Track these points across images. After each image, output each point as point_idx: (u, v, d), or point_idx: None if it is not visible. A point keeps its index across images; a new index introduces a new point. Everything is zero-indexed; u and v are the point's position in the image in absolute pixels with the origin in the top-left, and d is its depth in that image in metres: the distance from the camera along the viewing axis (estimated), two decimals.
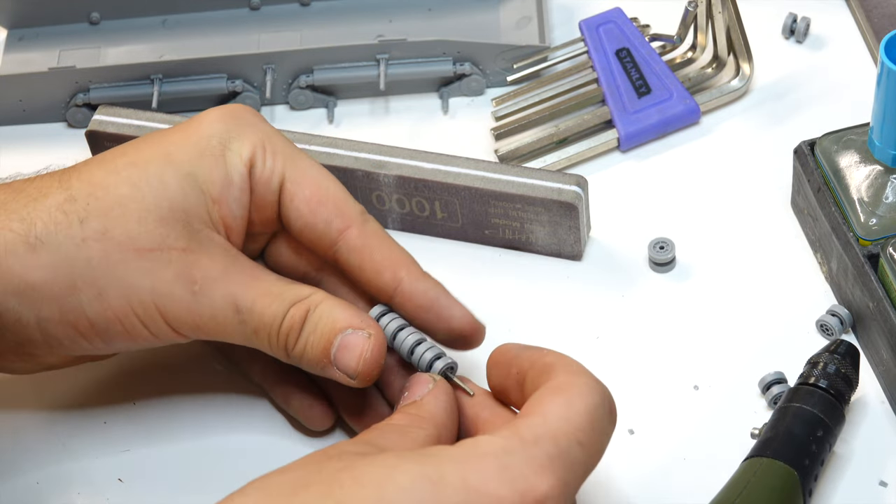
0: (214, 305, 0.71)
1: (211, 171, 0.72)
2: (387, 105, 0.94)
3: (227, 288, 0.71)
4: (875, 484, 0.74)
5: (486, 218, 0.84)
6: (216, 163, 0.72)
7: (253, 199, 0.73)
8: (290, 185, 0.73)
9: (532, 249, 0.85)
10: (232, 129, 0.73)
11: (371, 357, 0.70)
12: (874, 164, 0.79)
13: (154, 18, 0.96)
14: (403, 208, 0.85)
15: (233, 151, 0.73)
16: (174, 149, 0.72)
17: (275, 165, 0.73)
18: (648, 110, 0.89)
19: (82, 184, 0.71)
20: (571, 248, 0.84)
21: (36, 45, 0.95)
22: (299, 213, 0.73)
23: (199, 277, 0.70)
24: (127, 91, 0.92)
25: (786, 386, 0.77)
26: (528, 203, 0.82)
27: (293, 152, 0.74)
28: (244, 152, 0.73)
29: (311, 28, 0.94)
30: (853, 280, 0.78)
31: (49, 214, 0.70)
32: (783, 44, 0.94)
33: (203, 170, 0.72)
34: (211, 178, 0.72)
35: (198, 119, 0.74)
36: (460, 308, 0.73)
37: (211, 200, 0.72)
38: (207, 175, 0.72)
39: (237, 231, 0.73)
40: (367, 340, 0.70)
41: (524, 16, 0.94)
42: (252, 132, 0.73)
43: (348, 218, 0.73)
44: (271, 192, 0.73)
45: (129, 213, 0.70)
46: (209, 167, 0.72)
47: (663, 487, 0.75)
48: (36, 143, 0.93)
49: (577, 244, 0.84)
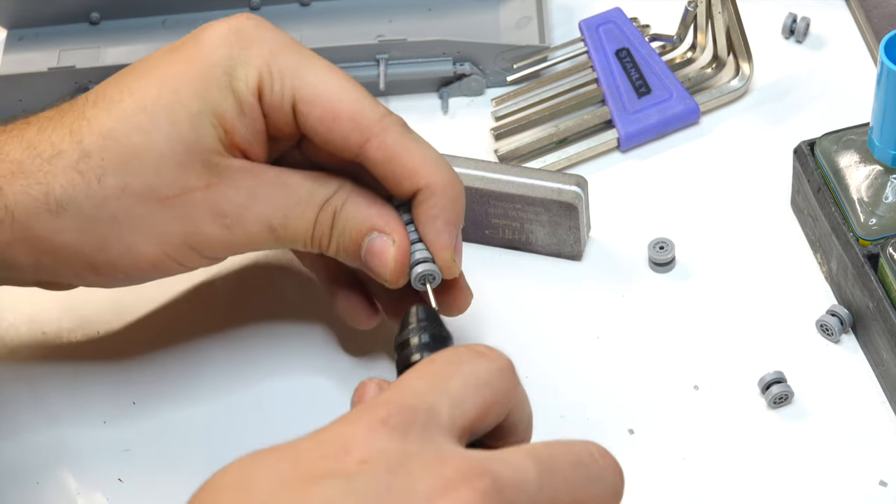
0: (248, 231, 0.71)
1: (220, 105, 0.70)
2: (387, 105, 0.93)
3: (258, 210, 0.71)
4: (875, 484, 0.74)
5: (485, 218, 0.84)
6: (224, 95, 0.71)
7: (269, 122, 0.72)
8: (302, 106, 0.71)
9: (532, 249, 0.85)
10: (236, 53, 0.71)
11: (396, 265, 0.71)
12: (874, 164, 0.79)
13: (154, 18, 0.96)
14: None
15: (239, 80, 0.71)
16: (180, 83, 0.71)
17: (283, 88, 0.71)
18: (648, 110, 0.89)
19: (94, 136, 0.70)
20: (571, 248, 0.84)
21: (36, 45, 0.95)
22: (315, 131, 0.72)
23: (229, 210, 0.71)
24: None
25: (786, 386, 0.77)
26: (528, 203, 0.82)
27: (302, 66, 0.72)
28: (251, 80, 0.71)
29: (311, 28, 0.94)
30: (853, 280, 0.78)
31: (66, 176, 0.69)
32: (783, 44, 0.94)
33: (212, 104, 0.70)
34: (221, 111, 0.70)
35: (201, 41, 0.72)
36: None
37: (224, 132, 0.71)
38: (216, 109, 0.70)
39: (257, 151, 0.72)
40: (391, 247, 0.71)
41: (524, 16, 0.94)
42: (257, 52, 0.71)
43: (366, 129, 0.71)
44: (285, 114, 0.72)
45: (145, 164, 0.70)
46: (217, 101, 0.70)
47: (663, 487, 0.75)
48: None
49: (577, 244, 0.84)
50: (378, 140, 0.71)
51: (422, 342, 0.66)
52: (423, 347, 0.66)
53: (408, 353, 0.66)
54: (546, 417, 0.77)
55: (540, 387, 0.79)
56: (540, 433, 0.77)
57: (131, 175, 0.69)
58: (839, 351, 0.80)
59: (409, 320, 0.67)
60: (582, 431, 0.77)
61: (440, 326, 0.67)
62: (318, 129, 0.71)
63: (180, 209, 0.70)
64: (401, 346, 0.67)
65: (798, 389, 0.78)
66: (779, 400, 0.77)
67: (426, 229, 0.72)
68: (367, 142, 0.71)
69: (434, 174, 0.71)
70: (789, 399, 0.77)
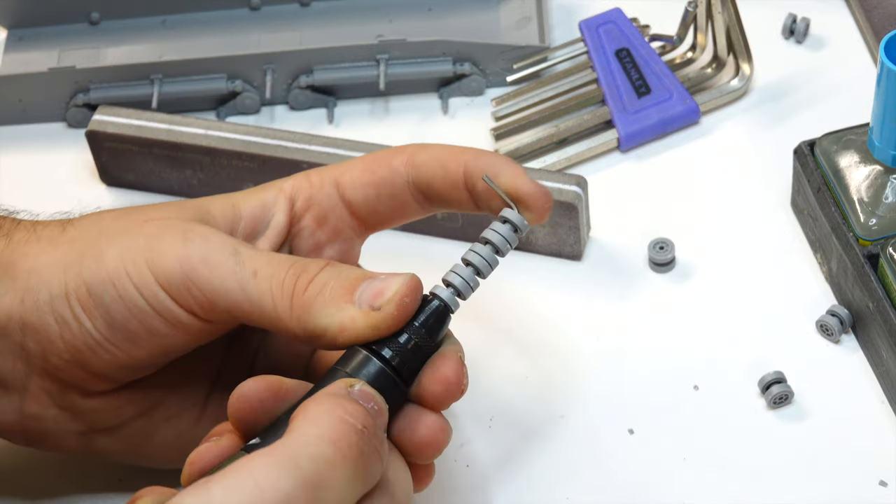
0: (207, 249, 0.66)
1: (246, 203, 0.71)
2: (387, 105, 0.94)
3: (227, 240, 0.67)
4: (875, 484, 0.74)
5: (486, 218, 0.83)
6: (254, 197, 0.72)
7: (314, 218, 0.71)
8: (343, 174, 0.71)
9: (532, 249, 0.85)
10: (273, 184, 0.73)
11: (410, 287, 0.65)
12: (874, 164, 0.79)
13: (154, 18, 0.96)
14: None
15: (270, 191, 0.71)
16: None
17: (321, 174, 0.72)
18: (648, 110, 0.90)
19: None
20: (571, 248, 0.84)
21: (36, 45, 0.95)
22: (362, 181, 0.71)
23: (196, 231, 0.68)
24: (127, 91, 0.92)
25: (786, 386, 0.77)
26: None
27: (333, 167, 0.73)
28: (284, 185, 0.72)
29: (311, 28, 0.94)
30: (853, 280, 0.78)
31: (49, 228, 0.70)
32: (783, 44, 0.94)
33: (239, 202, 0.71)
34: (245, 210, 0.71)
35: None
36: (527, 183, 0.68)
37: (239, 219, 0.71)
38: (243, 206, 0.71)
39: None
40: (406, 277, 0.65)
41: (524, 16, 0.94)
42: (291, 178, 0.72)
43: (401, 150, 0.71)
44: (329, 195, 0.71)
45: (150, 211, 0.70)
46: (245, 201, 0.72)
47: (663, 487, 0.75)
48: (36, 143, 0.93)
49: (577, 244, 0.83)
50: (412, 153, 0.71)
51: (401, 343, 0.65)
52: (398, 351, 0.65)
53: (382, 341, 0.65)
54: (546, 417, 0.77)
55: (540, 387, 0.79)
56: (540, 433, 0.77)
57: (114, 218, 0.71)
58: (839, 351, 0.80)
59: (418, 315, 0.65)
60: (582, 431, 0.77)
61: (433, 340, 0.66)
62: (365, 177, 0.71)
63: (153, 228, 0.68)
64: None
65: (798, 389, 0.78)
66: (779, 400, 0.77)
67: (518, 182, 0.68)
68: (407, 155, 0.71)
69: (473, 159, 0.70)
70: (789, 399, 0.77)
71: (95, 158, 0.89)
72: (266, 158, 0.86)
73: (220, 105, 0.93)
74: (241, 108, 0.93)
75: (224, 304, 0.66)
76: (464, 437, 0.77)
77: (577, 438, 0.77)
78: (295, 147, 0.86)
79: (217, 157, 0.87)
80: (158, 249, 0.67)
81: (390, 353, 0.64)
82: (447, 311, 0.66)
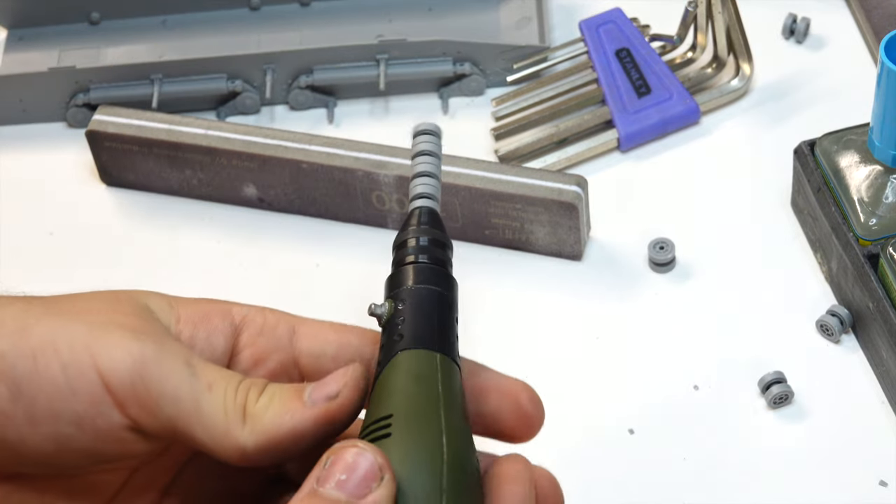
0: (161, 352, 0.61)
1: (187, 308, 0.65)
2: (387, 105, 0.94)
3: (180, 347, 0.62)
4: (875, 484, 0.74)
5: (485, 218, 0.84)
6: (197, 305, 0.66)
7: (252, 355, 0.66)
8: (305, 326, 0.67)
9: (532, 249, 0.85)
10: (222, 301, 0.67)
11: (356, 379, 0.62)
12: (874, 164, 0.79)
13: (154, 18, 0.96)
14: (403, 208, 0.85)
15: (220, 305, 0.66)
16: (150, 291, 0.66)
17: (279, 317, 0.66)
18: (648, 110, 0.90)
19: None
20: (571, 248, 0.84)
21: (36, 45, 0.95)
22: (327, 339, 0.66)
23: (148, 331, 0.62)
24: (127, 91, 0.92)
25: (786, 386, 0.77)
26: (528, 203, 0.82)
27: (295, 315, 0.68)
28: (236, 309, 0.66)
29: (311, 28, 0.94)
30: (853, 280, 0.78)
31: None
32: (783, 44, 0.94)
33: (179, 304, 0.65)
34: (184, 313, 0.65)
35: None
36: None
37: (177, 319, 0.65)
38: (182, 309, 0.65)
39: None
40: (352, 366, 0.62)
41: (524, 16, 0.94)
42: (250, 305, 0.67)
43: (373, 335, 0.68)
44: (278, 337, 0.66)
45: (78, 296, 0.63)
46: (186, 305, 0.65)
47: (663, 487, 0.75)
48: (36, 143, 0.93)
49: (577, 244, 0.84)
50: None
51: (420, 244, 0.63)
52: (421, 250, 0.63)
53: (403, 253, 0.63)
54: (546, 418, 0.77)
55: (539, 387, 0.79)
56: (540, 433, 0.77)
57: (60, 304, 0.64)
58: (839, 351, 0.80)
59: (411, 221, 0.63)
60: (582, 431, 0.77)
61: (441, 231, 0.64)
62: (328, 335, 0.66)
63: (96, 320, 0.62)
64: (399, 245, 0.63)
65: (798, 389, 0.78)
66: (779, 400, 0.77)
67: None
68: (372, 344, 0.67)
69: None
70: (789, 399, 0.77)
71: (95, 158, 0.89)
72: (266, 158, 0.86)
73: (221, 105, 0.93)
74: (242, 108, 0.93)
75: (170, 412, 0.61)
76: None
77: (577, 438, 0.77)
78: (295, 147, 0.86)
79: (217, 156, 0.87)
80: (106, 338, 0.61)
81: (425, 257, 0.62)
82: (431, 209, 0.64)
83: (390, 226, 0.86)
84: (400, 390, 0.61)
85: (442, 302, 0.63)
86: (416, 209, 0.64)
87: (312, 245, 0.87)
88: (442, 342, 0.62)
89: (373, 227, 0.87)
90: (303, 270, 0.86)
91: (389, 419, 0.60)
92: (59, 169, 0.92)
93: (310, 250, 0.87)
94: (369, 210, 0.86)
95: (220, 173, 0.88)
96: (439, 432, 0.60)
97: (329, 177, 0.85)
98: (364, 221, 0.87)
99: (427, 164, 0.66)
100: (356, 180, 0.84)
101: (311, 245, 0.87)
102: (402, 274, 0.63)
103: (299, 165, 0.85)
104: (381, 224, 0.87)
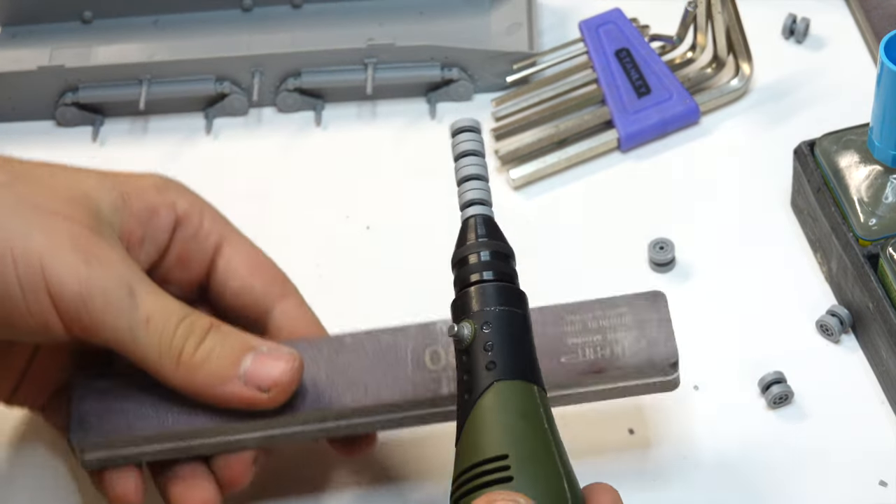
0: (107, 280, 0.65)
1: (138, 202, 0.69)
2: (374, 109, 0.94)
3: (125, 272, 0.66)
4: (875, 484, 0.74)
5: (561, 342, 0.71)
6: (147, 197, 0.70)
7: (178, 253, 0.71)
8: (229, 248, 0.72)
9: (618, 365, 0.71)
10: (174, 184, 0.72)
11: (294, 374, 0.67)
12: (874, 164, 0.79)
13: (146, 18, 0.96)
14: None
15: (168, 197, 0.71)
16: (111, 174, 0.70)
17: (213, 227, 0.71)
18: (648, 110, 0.90)
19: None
20: (664, 347, 0.70)
21: (28, 43, 0.95)
22: (237, 273, 0.71)
23: (97, 254, 0.66)
24: (115, 91, 0.92)
25: (786, 386, 0.77)
26: (608, 306, 0.72)
27: (232, 227, 0.73)
28: (180, 203, 0.71)
29: (302, 30, 0.94)
30: (853, 280, 0.78)
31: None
32: (783, 44, 0.94)
33: (131, 197, 0.69)
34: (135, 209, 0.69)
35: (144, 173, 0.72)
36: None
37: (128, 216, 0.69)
38: (134, 203, 0.69)
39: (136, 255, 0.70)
40: (292, 359, 0.67)
41: (514, 21, 0.94)
42: (194, 197, 0.72)
43: (288, 288, 0.73)
44: (204, 249, 0.71)
45: (42, 183, 0.67)
46: (138, 198, 0.69)
47: (663, 487, 0.75)
48: (25, 141, 0.93)
49: (669, 341, 0.71)
50: (297, 300, 0.72)
51: (485, 260, 0.62)
52: (488, 266, 0.62)
53: (469, 271, 0.62)
54: None
55: None
56: None
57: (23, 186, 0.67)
58: (839, 351, 0.80)
59: (468, 233, 0.63)
60: (582, 431, 0.77)
61: (501, 241, 0.63)
62: (242, 272, 0.71)
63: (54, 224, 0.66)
64: (459, 263, 0.63)
65: (798, 389, 0.78)
66: (779, 400, 0.77)
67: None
68: (287, 296, 0.72)
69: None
70: (789, 399, 0.77)
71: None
72: None
73: (209, 107, 0.93)
74: (230, 109, 0.93)
75: (108, 336, 0.66)
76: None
77: (577, 438, 0.77)
78: None
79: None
80: (60, 259, 0.65)
81: (493, 274, 0.62)
82: (486, 216, 0.64)
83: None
84: (509, 428, 0.60)
85: (524, 325, 0.62)
86: (470, 218, 0.63)
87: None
88: (535, 372, 0.61)
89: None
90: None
91: (505, 461, 0.59)
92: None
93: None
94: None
95: None
96: (559, 476, 0.60)
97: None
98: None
99: (473, 165, 0.64)
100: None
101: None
102: (476, 294, 0.62)
103: None
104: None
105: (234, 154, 0.92)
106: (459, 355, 0.62)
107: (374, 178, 0.90)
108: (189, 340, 0.66)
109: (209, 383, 0.66)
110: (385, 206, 0.88)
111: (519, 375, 0.61)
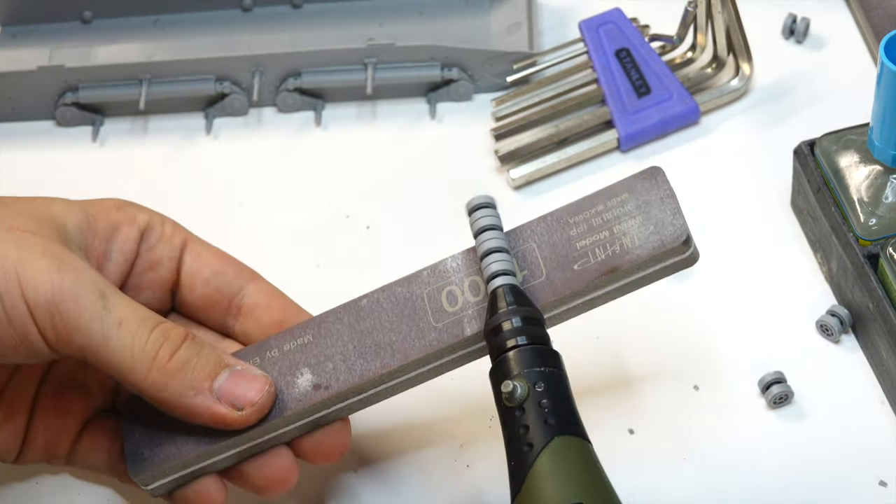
0: (78, 285, 0.65)
1: (102, 221, 0.71)
2: (374, 109, 0.94)
3: (97, 278, 0.67)
4: (875, 484, 0.74)
5: (569, 247, 0.70)
6: (109, 216, 0.71)
7: (147, 258, 0.72)
8: (195, 244, 0.73)
9: (633, 260, 0.69)
10: (133, 203, 0.73)
11: (269, 398, 0.68)
12: (874, 164, 0.79)
13: (146, 18, 0.96)
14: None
15: (129, 213, 0.72)
16: (76, 201, 0.71)
17: (175, 230, 0.73)
18: (648, 110, 0.90)
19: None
20: (673, 227, 0.69)
21: (28, 43, 0.95)
22: (208, 262, 0.73)
23: (68, 261, 0.66)
24: (115, 91, 0.92)
25: (786, 386, 0.77)
26: (608, 196, 0.70)
27: (193, 233, 0.74)
28: (141, 217, 0.72)
29: (302, 30, 0.94)
30: (853, 280, 0.78)
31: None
32: (783, 44, 0.94)
33: (96, 218, 0.71)
34: (100, 227, 0.71)
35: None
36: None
37: (93, 235, 0.70)
38: (99, 223, 0.71)
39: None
40: (266, 381, 0.68)
41: (514, 22, 0.94)
42: (153, 211, 0.73)
43: (257, 274, 0.74)
44: (171, 248, 0.73)
45: (11, 208, 0.68)
46: (102, 217, 0.71)
47: (663, 487, 0.75)
48: (25, 141, 0.93)
49: (677, 217, 0.69)
50: (265, 282, 0.73)
51: (514, 326, 0.65)
52: (518, 332, 0.65)
53: (502, 338, 0.65)
54: None
55: None
56: None
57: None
58: (839, 351, 0.80)
59: (499, 303, 0.66)
60: None
61: (530, 307, 0.66)
62: (212, 260, 0.73)
63: (22, 239, 0.67)
64: (493, 331, 0.66)
65: (798, 389, 0.78)
66: (779, 400, 0.77)
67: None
68: (256, 279, 0.73)
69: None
70: (789, 399, 0.77)
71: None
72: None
73: (209, 107, 0.93)
74: (230, 109, 0.93)
75: (81, 342, 0.66)
76: (464, 438, 0.77)
77: None
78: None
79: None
80: (32, 266, 0.65)
81: (533, 338, 0.65)
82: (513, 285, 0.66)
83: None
84: (578, 480, 0.63)
85: (567, 384, 0.66)
86: (497, 289, 0.66)
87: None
88: (582, 427, 0.65)
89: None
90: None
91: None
92: (49, 167, 0.92)
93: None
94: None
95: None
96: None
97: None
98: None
99: (493, 238, 0.68)
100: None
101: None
102: (522, 356, 0.65)
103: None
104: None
105: (234, 154, 0.92)
106: (510, 411, 0.65)
107: (374, 178, 0.90)
108: (164, 347, 0.66)
109: (180, 393, 0.66)
110: (385, 206, 0.88)
111: (574, 431, 0.64)
